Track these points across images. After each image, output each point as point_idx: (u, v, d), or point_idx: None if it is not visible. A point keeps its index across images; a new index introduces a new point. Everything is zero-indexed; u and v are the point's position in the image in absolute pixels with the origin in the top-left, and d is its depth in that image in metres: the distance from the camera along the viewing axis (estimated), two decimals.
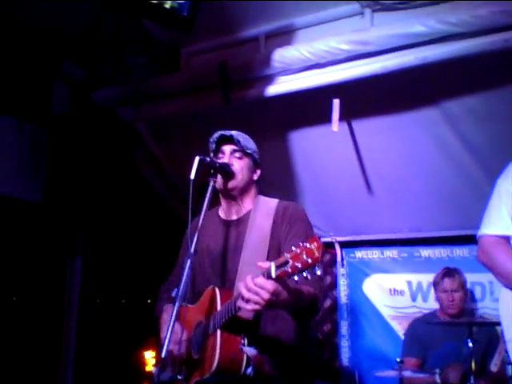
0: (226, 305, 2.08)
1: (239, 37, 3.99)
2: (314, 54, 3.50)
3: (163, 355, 1.80)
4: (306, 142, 4.25)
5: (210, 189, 2.22)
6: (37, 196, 4.18)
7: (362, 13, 3.57)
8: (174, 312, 1.88)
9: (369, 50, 3.36)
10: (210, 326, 2.15)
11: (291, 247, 1.80)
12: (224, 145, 2.39)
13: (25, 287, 4.18)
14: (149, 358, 4.75)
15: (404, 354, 3.94)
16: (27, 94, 4.32)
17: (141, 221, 4.70)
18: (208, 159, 2.24)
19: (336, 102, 3.58)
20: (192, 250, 2.03)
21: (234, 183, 2.36)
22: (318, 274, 1.75)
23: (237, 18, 3.87)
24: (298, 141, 4.27)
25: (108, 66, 4.29)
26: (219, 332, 2.08)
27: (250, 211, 2.39)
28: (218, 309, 2.14)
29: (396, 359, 3.57)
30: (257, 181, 2.47)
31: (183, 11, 2.79)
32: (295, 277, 1.78)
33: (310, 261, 1.72)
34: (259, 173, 2.47)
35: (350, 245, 5.02)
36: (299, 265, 1.74)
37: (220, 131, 2.41)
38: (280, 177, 4.40)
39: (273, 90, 3.74)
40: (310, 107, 3.89)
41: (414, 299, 4.70)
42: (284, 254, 1.80)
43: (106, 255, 4.64)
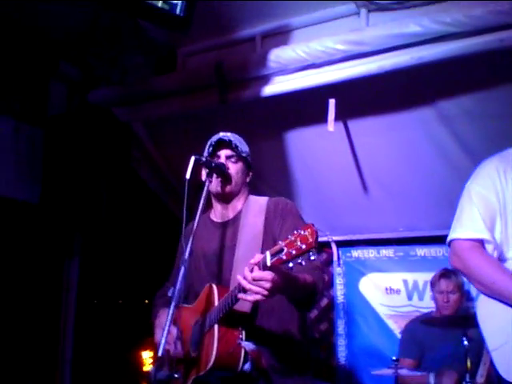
0: (223, 299, 2.10)
1: (235, 37, 4.00)
2: (310, 54, 3.51)
3: (160, 354, 1.80)
4: (302, 141, 4.26)
5: (205, 189, 2.24)
6: (34, 197, 4.17)
7: (358, 13, 3.58)
8: (171, 311, 1.89)
9: (364, 50, 3.37)
10: (207, 322, 2.17)
11: (286, 237, 1.80)
12: (221, 149, 2.40)
13: (22, 288, 4.17)
14: (146, 358, 4.77)
15: (400, 355, 3.95)
16: (24, 94, 4.31)
17: (138, 221, 4.71)
18: (203, 159, 2.25)
19: (332, 102, 3.59)
20: (186, 257, 2.03)
21: (228, 187, 2.38)
22: (312, 259, 1.76)
23: (233, 18, 3.88)
24: (294, 141, 4.28)
25: (104, 66, 4.29)
26: (216, 327, 2.10)
27: (241, 211, 2.41)
28: (215, 304, 2.15)
29: (392, 357, 3.58)
30: (249, 182, 2.50)
31: (179, 11, 2.80)
32: (290, 263, 1.78)
33: (304, 247, 1.73)
34: (251, 175, 2.51)
35: (346, 244, 5.05)
36: (293, 251, 1.75)
37: (218, 135, 2.41)
38: (276, 177, 4.42)
39: (269, 90, 3.75)
40: (305, 107, 3.90)
41: (409, 298, 4.72)
42: (278, 242, 1.82)
43: (103, 256, 4.63)
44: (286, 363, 2.20)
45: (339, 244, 5.06)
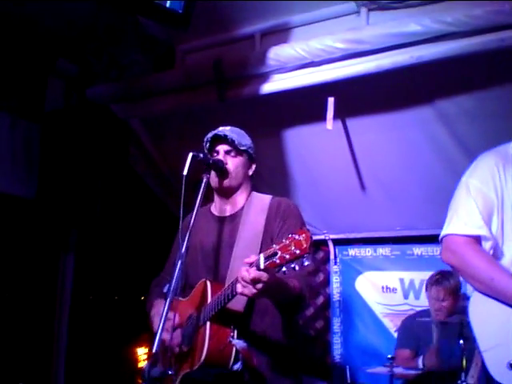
0: (217, 297, 2.10)
1: (235, 34, 3.98)
2: (310, 53, 3.50)
3: (154, 350, 1.80)
4: (300, 139, 4.26)
5: (203, 185, 2.22)
6: (30, 192, 4.16)
7: (358, 11, 3.58)
8: (166, 308, 1.89)
9: (364, 49, 3.36)
10: (200, 319, 2.17)
11: (281, 239, 1.81)
12: (218, 144, 2.39)
13: (17, 283, 4.16)
14: (141, 354, 4.75)
15: (398, 346, 3.98)
16: (21, 90, 4.30)
17: (134, 218, 4.70)
18: (201, 155, 2.24)
19: (331, 101, 3.58)
20: (183, 250, 2.03)
21: (227, 182, 2.37)
22: (305, 264, 1.76)
23: (232, 15, 3.87)
24: (293, 139, 4.28)
25: (103, 63, 4.27)
26: (208, 324, 2.10)
27: (243, 207, 2.40)
28: (209, 301, 2.15)
29: (387, 356, 3.59)
30: (251, 175, 2.48)
31: (179, 8, 2.79)
32: (283, 268, 1.78)
33: (298, 252, 1.73)
34: (254, 167, 2.48)
35: (343, 242, 5.05)
36: (287, 256, 1.75)
37: (213, 131, 2.40)
38: (274, 174, 4.42)
39: (268, 87, 3.74)
40: (304, 105, 3.90)
41: (406, 297, 4.74)
42: (273, 245, 1.82)
43: (99, 252, 4.62)
44: (277, 364, 2.21)
45: (336, 242, 5.06)
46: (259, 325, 2.22)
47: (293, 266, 1.77)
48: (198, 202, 2.20)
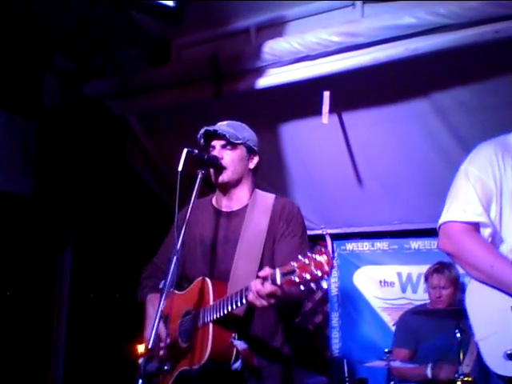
0: (223, 301, 2.09)
1: (230, 29, 3.98)
2: (305, 46, 3.50)
3: (150, 346, 1.80)
4: (296, 134, 4.25)
5: (198, 181, 2.21)
6: (27, 189, 4.16)
7: (353, 4, 3.57)
8: (161, 304, 1.88)
9: (359, 42, 3.37)
10: (201, 318, 2.16)
11: (298, 256, 1.79)
12: (213, 139, 2.36)
13: (15, 281, 4.17)
14: (141, 351, 4.74)
15: (395, 345, 3.96)
16: (18, 87, 4.29)
17: (132, 214, 4.69)
18: (196, 151, 2.21)
19: (326, 95, 3.58)
20: (178, 246, 2.02)
21: (224, 177, 2.33)
22: (324, 287, 1.78)
23: (228, 9, 3.86)
24: (289, 133, 4.27)
25: (99, 59, 4.27)
26: (211, 325, 2.10)
27: (247, 205, 2.37)
28: (211, 301, 2.14)
29: (385, 350, 3.59)
30: (254, 169, 2.43)
31: (172, 3, 2.78)
32: (302, 287, 1.77)
33: (319, 274, 1.72)
34: (256, 160, 2.43)
35: (340, 237, 5.04)
36: (308, 276, 1.74)
37: (205, 126, 2.36)
38: (271, 169, 4.39)
39: (263, 82, 3.74)
40: (300, 99, 3.89)
41: (403, 291, 4.73)
42: (290, 262, 1.80)
43: (97, 248, 4.62)
44: (274, 365, 2.23)
45: (334, 237, 5.05)
46: (258, 327, 2.23)
47: (312, 285, 1.76)
48: (193, 197, 2.19)
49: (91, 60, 4.36)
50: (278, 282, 1.81)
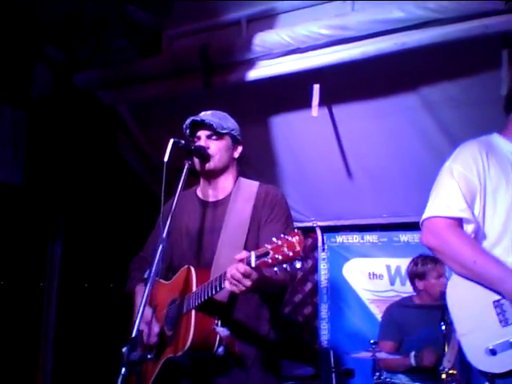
0: (204, 286, 2.10)
1: (221, 20, 3.97)
2: (295, 39, 3.50)
3: (133, 334, 1.81)
4: (286, 126, 4.26)
5: (184, 171, 2.23)
6: (16, 179, 4.14)
7: None
8: (146, 293, 1.90)
9: (349, 36, 3.36)
10: (185, 305, 2.18)
11: (272, 239, 1.81)
12: (199, 130, 2.38)
13: (4, 271, 4.17)
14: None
15: (380, 338, 3.99)
16: (8, 76, 4.26)
17: (122, 204, 4.69)
18: (183, 142, 2.23)
19: (316, 87, 3.58)
20: (165, 234, 2.04)
21: (211, 165, 2.36)
22: (297, 267, 1.78)
23: (219, 1, 3.85)
24: (279, 125, 4.28)
25: (89, 49, 4.24)
26: (194, 312, 2.12)
27: (231, 193, 2.39)
28: (194, 288, 2.17)
29: (370, 341, 3.63)
30: (238, 158, 2.46)
31: None
32: (275, 268, 1.80)
33: (291, 254, 1.75)
34: (240, 149, 2.46)
35: (330, 229, 5.08)
36: (280, 257, 1.77)
37: (191, 116, 2.38)
38: (261, 161, 4.42)
39: (253, 74, 3.74)
40: (290, 92, 3.89)
41: (392, 283, 4.78)
42: (265, 245, 1.82)
43: (86, 238, 4.62)
44: (257, 351, 2.24)
45: (324, 229, 5.09)
46: (242, 313, 2.25)
47: (284, 266, 1.79)
48: (179, 188, 2.20)
49: (82, 50, 4.33)
50: (253, 264, 1.83)
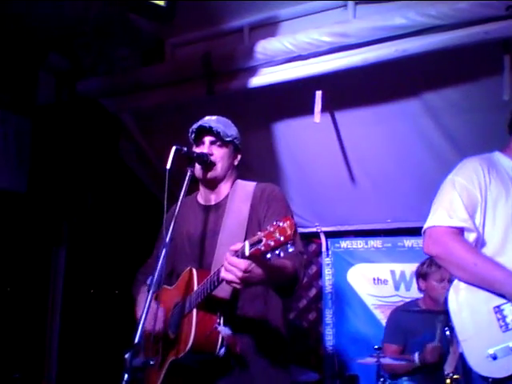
0: (202, 284, 2.12)
1: (224, 28, 3.99)
2: (297, 46, 3.51)
3: (136, 341, 1.83)
4: (289, 133, 4.28)
5: (187, 178, 2.25)
6: (21, 186, 4.17)
7: (345, 5, 3.59)
8: (148, 299, 1.91)
9: (350, 43, 3.37)
10: (187, 305, 2.19)
11: (266, 227, 1.82)
12: (204, 135, 2.40)
13: (9, 278, 4.19)
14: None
15: (385, 341, 4.00)
16: (12, 84, 4.30)
17: (126, 211, 4.71)
18: (185, 149, 2.25)
19: (318, 94, 3.59)
20: (167, 240, 2.06)
21: (213, 173, 2.39)
22: (290, 251, 1.77)
23: (222, 9, 3.87)
24: (282, 132, 4.30)
25: (93, 57, 4.28)
26: (195, 311, 2.12)
27: (228, 195, 2.42)
28: (195, 288, 2.17)
29: (375, 346, 3.63)
30: (237, 165, 2.49)
31: (163, 3, 2.80)
32: (268, 255, 1.80)
33: (282, 238, 1.75)
34: (239, 157, 2.50)
35: (334, 235, 5.09)
36: (272, 243, 1.76)
37: (199, 122, 2.42)
38: (264, 168, 4.43)
39: (256, 81, 3.75)
40: (293, 99, 3.91)
41: (397, 288, 4.78)
42: (258, 232, 1.83)
43: (91, 245, 4.64)
44: (266, 352, 2.23)
45: (328, 235, 5.10)
46: (248, 312, 2.24)
47: (277, 252, 1.78)
48: (181, 195, 2.22)
49: (86, 58, 4.36)
50: (247, 252, 1.83)
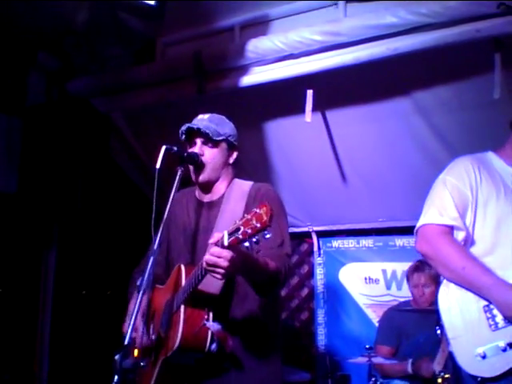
0: (188, 280, 2.11)
1: (215, 27, 3.98)
2: (288, 45, 3.50)
3: (126, 342, 1.81)
4: (281, 132, 4.27)
5: (177, 178, 2.23)
6: (11, 187, 4.14)
7: (336, 4, 3.58)
8: (138, 300, 1.90)
9: (341, 41, 3.37)
10: (175, 303, 2.18)
11: (244, 215, 1.80)
12: (195, 136, 2.37)
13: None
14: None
15: (378, 342, 4.00)
16: (2, 84, 4.27)
17: (116, 211, 4.69)
18: (175, 148, 2.23)
19: (309, 93, 3.59)
20: (155, 247, 2.04)
21: (204, 177, 2.37)
22: (267, 237, 1.75)
23: (212, 8, 3.86)
24: (273, 131, 4.29)
25: (83, 57, 4.25)
26: (183, 308, 2.10)
27: (224, 194, 2.41)
28: (183, 284, 2.16)
29: (366, 346, 3.63)
30: (233, 163, 2.46)
31: (153, 2, 2.78)
32: (246, 243, 1.78)
33: (258, 225, 1.73)
34: (235, 155, 2.46)
35: (326, 234, 5.09)
36: (249, 230, 1.75)
37: (187, 123, 2.38)
38: (255, 167, 4.42)
39: (247, 80, 3.74)
40: (284, 98, 3.90)
41: (388, 287, 4.78)
42: (236, 221, 1.81)
43: (81, 247, 4.61)
44: (257, 350, 2.22)
45: (319, 234, 5.10)
46: (239, 309, 2.23)
47: (255, 240, 1.76)
48: (172, 194, 2.20)
49: (75, 57, 4.33)
50: (226, 242, 1.81)
